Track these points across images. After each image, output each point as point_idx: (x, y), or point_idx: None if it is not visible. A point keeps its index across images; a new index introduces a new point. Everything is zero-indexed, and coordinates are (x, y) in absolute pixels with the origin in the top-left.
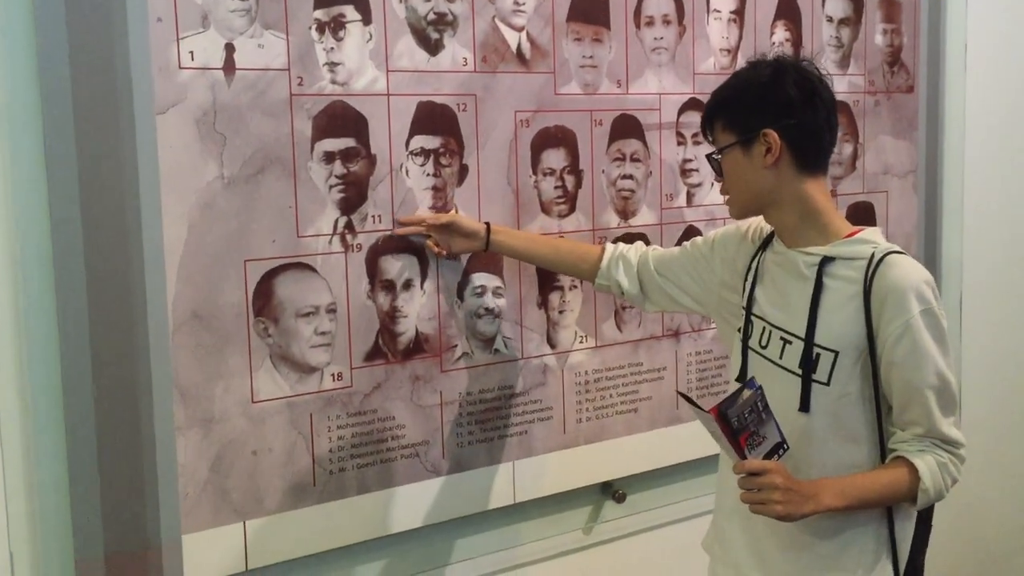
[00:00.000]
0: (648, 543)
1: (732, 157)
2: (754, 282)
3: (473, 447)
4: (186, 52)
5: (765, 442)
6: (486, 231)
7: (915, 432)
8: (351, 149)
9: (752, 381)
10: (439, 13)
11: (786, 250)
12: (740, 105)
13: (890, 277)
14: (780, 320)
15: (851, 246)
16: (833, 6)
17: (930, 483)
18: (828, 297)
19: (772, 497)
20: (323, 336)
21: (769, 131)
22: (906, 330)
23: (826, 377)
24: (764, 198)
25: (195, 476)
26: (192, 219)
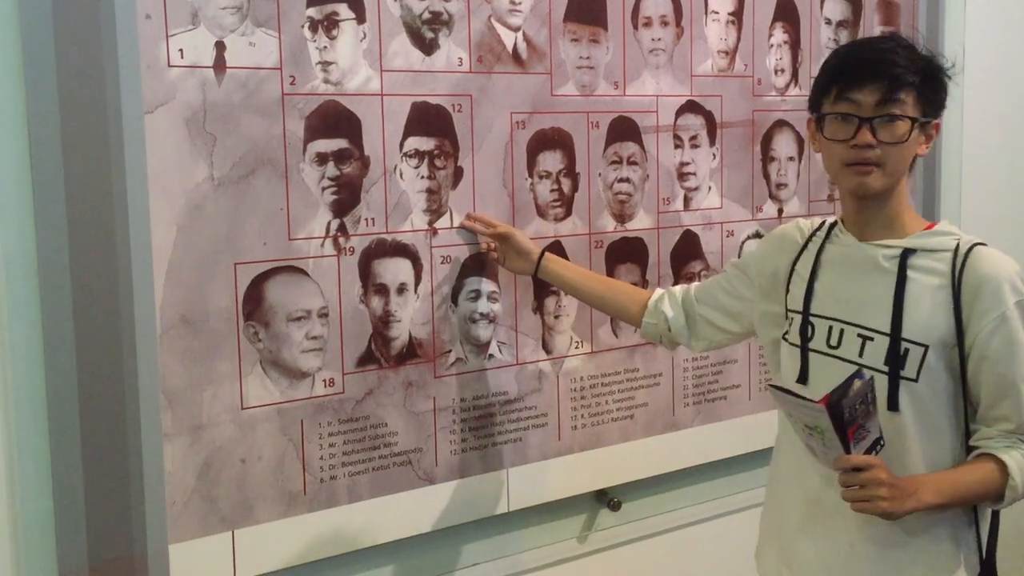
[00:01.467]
0: (644, 551)
1: (913, 131)
2: (811, 280)
3: (467, 454)
4: (175, 50)
5: (868, 437)
6: (539, 256)
7: (1004, 428)
8: (344, 150)
9: (861, 372)
10: (434, 12)
11: (858, 243)
12: (939, 87)
13: (982, 269)
14: (856, 316)
15: (932, 238)
16: (831, 8)
17: (1020, 480)
18: (913, 290)
19: (878, 493)
20: (315, 341)
21: (938, 123)
22: (1001, 322)
23: (915, 373)
24: (901, 182)
25: (182, 484)
26: (181, 221)
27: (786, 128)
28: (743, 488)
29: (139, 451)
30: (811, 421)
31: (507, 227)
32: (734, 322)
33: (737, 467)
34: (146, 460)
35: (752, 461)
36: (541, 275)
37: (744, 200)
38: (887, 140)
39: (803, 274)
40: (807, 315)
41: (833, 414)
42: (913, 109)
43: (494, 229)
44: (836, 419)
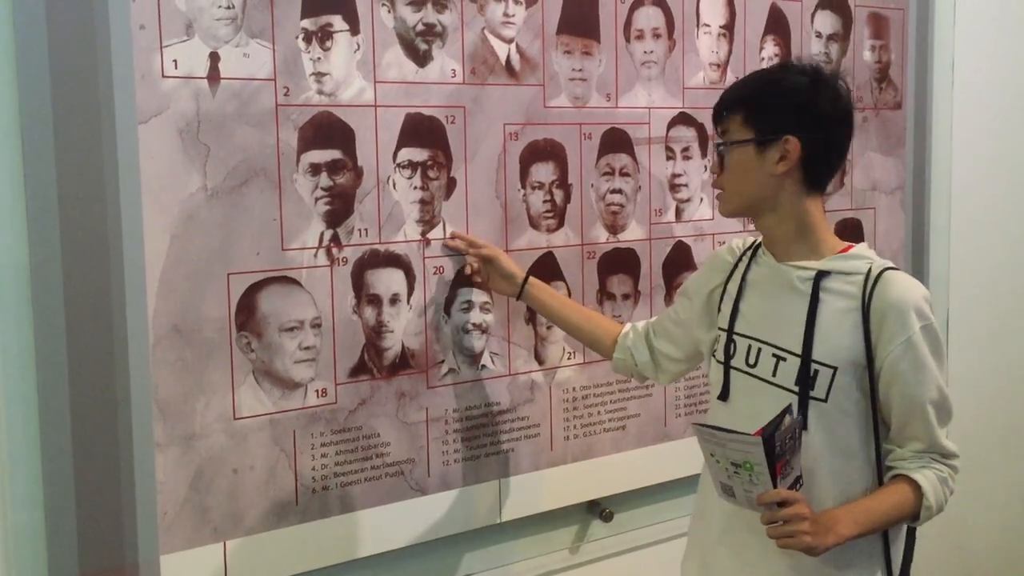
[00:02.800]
0: (635, 562)
1: (742, 154)
2: (737, 299)
3: (459, 465)
4: (169, 60)
5: (791, 473)
6: (523, 281)
7: (915, 448)
8: (337, 161)
9: (791, 408)
10: (428, 24)
11: (776, 264)
12: (769, 105)
13: (890, 294)
14: (771, 336)
15: (846, 261)
16: (822, 22)
17: (933, 499)
18: (824, 312)
19: (801, 528)
20: (307, 351)
21: (792, 139)
22: (908, 347)
23: (824, 394)
24: (761, 203)
25: (174, 494)
26: (174, 231)
27: None
28: None
29: (130, 461)
30: (740, 457)
31: (492, 249)
32: (683, 350)
33: None
34: (137, 470)
35: None
36: (523, 299)
37: None
38: (723, 167)
39: (731, 294)
40: (731, 334)
41: (767, 447)
42: (741, 133)
43: (478, 250)
44: (769, 452)
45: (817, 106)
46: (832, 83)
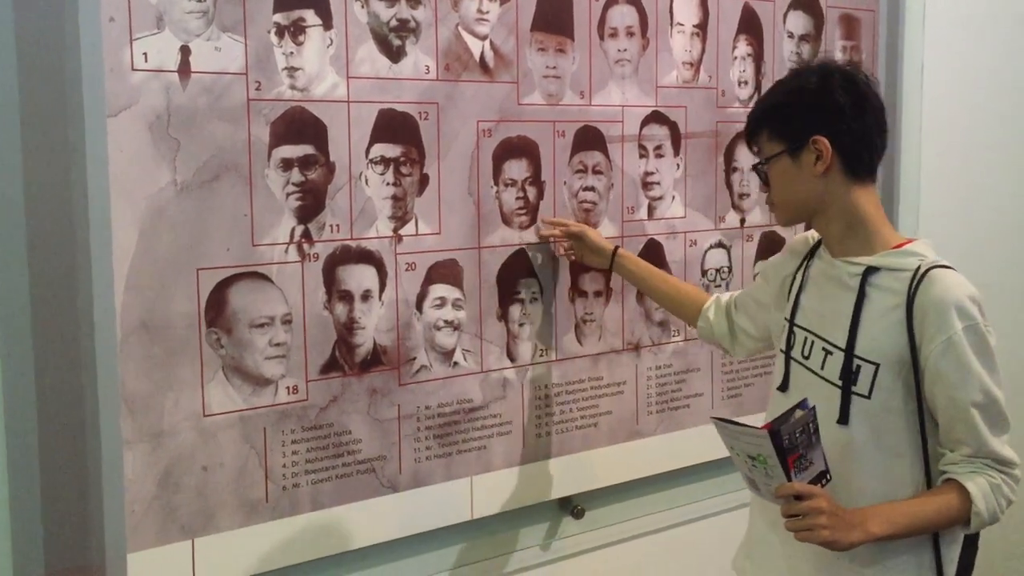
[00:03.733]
0: (607, 559)
1: (780, 166)
2: (799, 291)
3: (431, 462)
4: (139, 53)
5: (811, 468)
6: (612, 252)
7: (965, 452)
8: (309, 156)
9: (805, 402)
10: (402, 20)
11: (832, 259)
12: (788, 113)
13: (932, 292)
14: (822, 330)
15: (897, 257)
16: (794, 22)
17: (983, 506)
18: (870, 308)
19: (818, 522)
20: (278, 348)
21: (820, 138)
22: (949, 346)
23: (867, 390)
24: (812, 206)
25: (142, 492)
26: (143, 226)
27: None
28: (706, 496)
29: (98, 458)
30: (753, 450)
31: (580, 226)
32: (759, 329)
33: (700, 475)
34: (105, 467)
35: (715, 469)
36: (615, 270)
37: (707, 210)
38: (768, 183)
39: (796, 286)
40: (792, 325)
41: (775, 440)
42: (772, 147)
43: (567, 228)
44: (778, 446)
45: (834, 101)
46: (842, 74)
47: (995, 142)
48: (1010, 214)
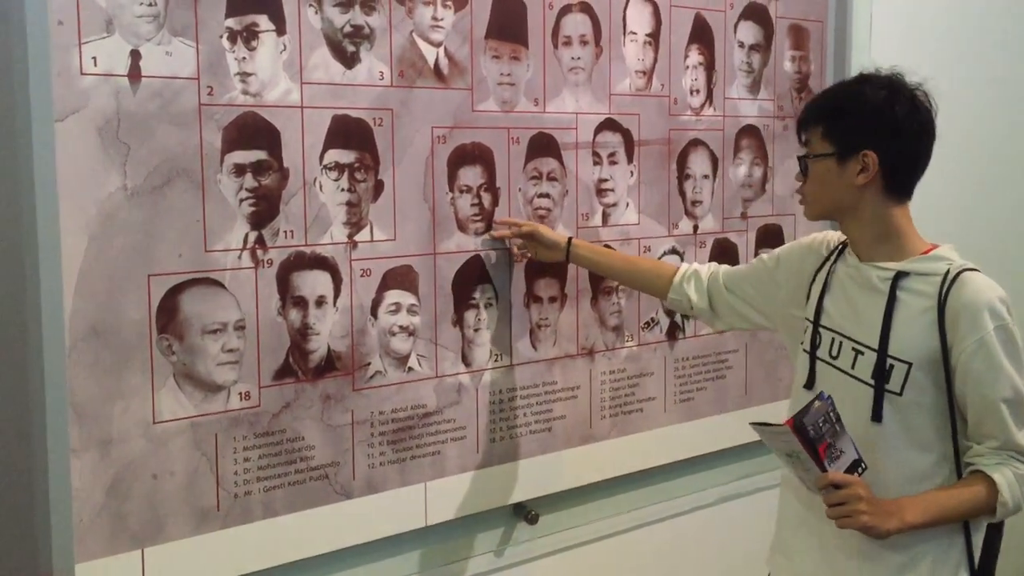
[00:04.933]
0: (561, 564)
1: (824, 165)
2: (823, 293)
3: (385, 468)
4: (88, 57)
5: (843, 456)
6: (567, 243)
7: (991, 445)
8: (263, 162)
9: (822, 393)
10: (356, 26)
11: (859, 263)
12: (848, 119)
13: (965, 294)
14: (852, 331)
15: (926, 263)
16: (745, 32)
17: (1009, 496)
18: (901, 310)
19: (858, 508)
20: (230, 354)
21: (870, 153)
22: (980, 346)
23: (899, 388)
24: (845, 211)
25: (90, 501)
26: (92, 231)
27: (701, 147)
28: (659, 499)
29: (45, 466)
30: (786, 447)
31: (531, 224)
32: (759, 314)
33: (653, 479)
34: (52, 476)
35: (668, 473)
36: (572, 260)
37: (660, 216)
38: (807, 176)
39: (819, 286)
40: (817, 326)
41: (800, 434)
42: (822, 146)
43: (519, 229)
44: (802, 438)
45: (895, 120)
46: (909, 95)
47: (944, 153)
48: (959, 219)
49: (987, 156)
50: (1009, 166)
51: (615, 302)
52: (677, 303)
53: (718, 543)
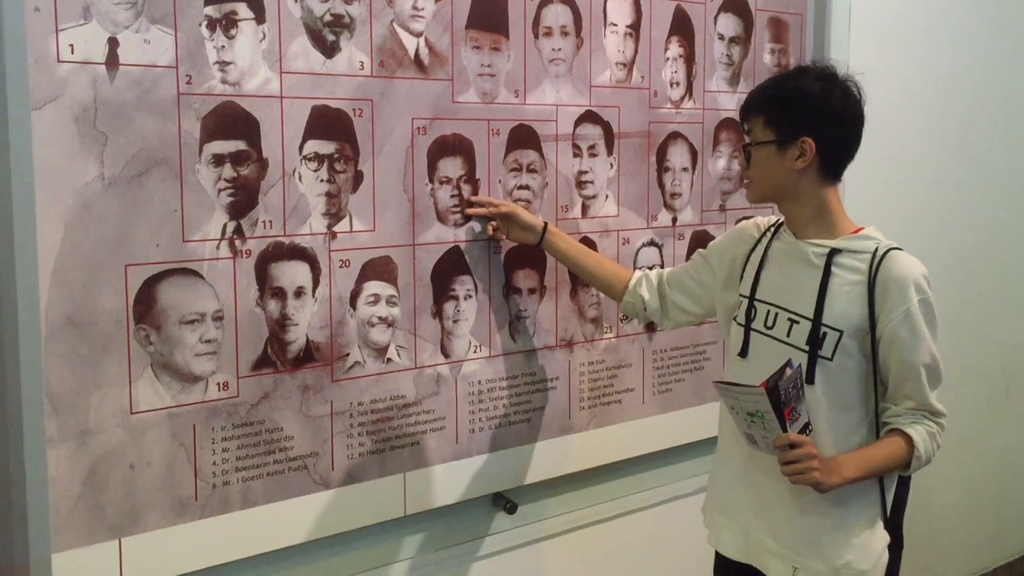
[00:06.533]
0: (539, 554)
1: (765, 152)
2: (759, 269)
3: (364, 458)
4: (65, 45)
5: (800, 419)
6: (542, 229)
7: (908, 406)
8: (242, 152)
9: (791, 361)
10: (336, 15)
11: (796, 240)
12: (787, 109)
13: (894, 270)
14: (788, 302)
15: (857, 241)
16: (725, 25)
17: (923, 450)
18: (835, 283)
19: (811, 465)
20: (208, 344)
21: (808, 140)
22: (906, 316)
23: (830, 353)
24: (784, 193)
25: (67, 491)
26: (69, 221)
27: (680, 140)
28: (637, 490)
29: (21, 457)
30: (752, 407)
31: (510, 206)
32: (697, 305)
33: (631, 469)
34: (28, 466)
35: (646, 463)
36: (544, 246)
37: (640, 209)
38: (750, 162)
39: (754, 264)
40: (752, 300)
41: (772, 396)
42: (764, 134)
43: (496, 209)
44: (774, 400)
45: (831, 109)
46: (843, 87)
47: (916, 142)
48: (928, 212)
49: (967, 147)
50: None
51: (594, 294)
52: (631, 306)
53: (696, 532)
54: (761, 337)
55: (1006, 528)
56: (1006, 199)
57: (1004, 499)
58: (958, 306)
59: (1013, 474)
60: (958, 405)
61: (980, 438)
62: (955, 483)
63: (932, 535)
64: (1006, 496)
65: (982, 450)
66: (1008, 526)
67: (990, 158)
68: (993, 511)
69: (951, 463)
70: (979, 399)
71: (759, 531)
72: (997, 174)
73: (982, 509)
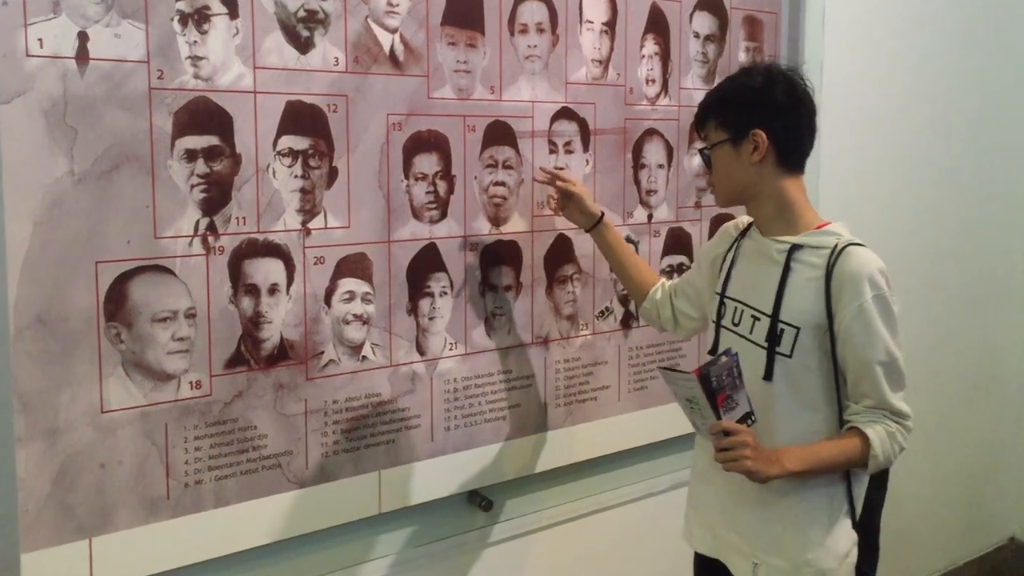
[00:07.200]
0: (514, 551)
1: (722, 153)
2: (731, 268)
3: (338, 457)
4: (34, 39)
5: (738, 408)
6: (598, 218)
7: (867, 404)
8: (214, 147)
9: (729, 350)
10: (310, 10)
11: (761, 238)
12: (734, 106)
13: (848, 265)
14: (752, 300)
15: (818, 236)
16: (700, 23)
17: (880, 450)
18: (793, 280)
19: (744, 453)
20: (181, 342)
21: (758, 131)
22: (860, 312)
23: (788, 350)
24: (748, 191)
25: (36, 491)
26: (38, 217)
27: (656, 136)
28: (613, 486)
29: None
30: (688, 393)
31: (575, 184)
32: (696, 310)
33: (607, 466)
34: None
35: (622, 460)
36: (593, 234)
37: (615, 205)
38: (710, 167)
39: (728, 263)
40: (723, 297)
41: (703, 383)
42: (717, 135)
43: (565, 184)
44: (706, 387)
45: (775, 99)
46: (785, 77)
47: (889, 140)
48: (902, 210)
49: (940, 146)
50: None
51: (570, 291)
52: (648, 313)
53: (671, 529)
54: (729, 334)
55: (976, 523)
56: (979, 197)
57: (974, 495)
58: (930, 304)
59: (983, 470)
60: (929, 402)
61: (951, 435)
62: (926, 480)
63: (903, 531)
64: (976, 492)
65: (952, 446)
66: (978, 522)
67: (963, 157)
68: (964, 507)
69: (922, 460)
70: (950, 396)
71: (724, 527)
72: (970, 172)
73: (953, 505)
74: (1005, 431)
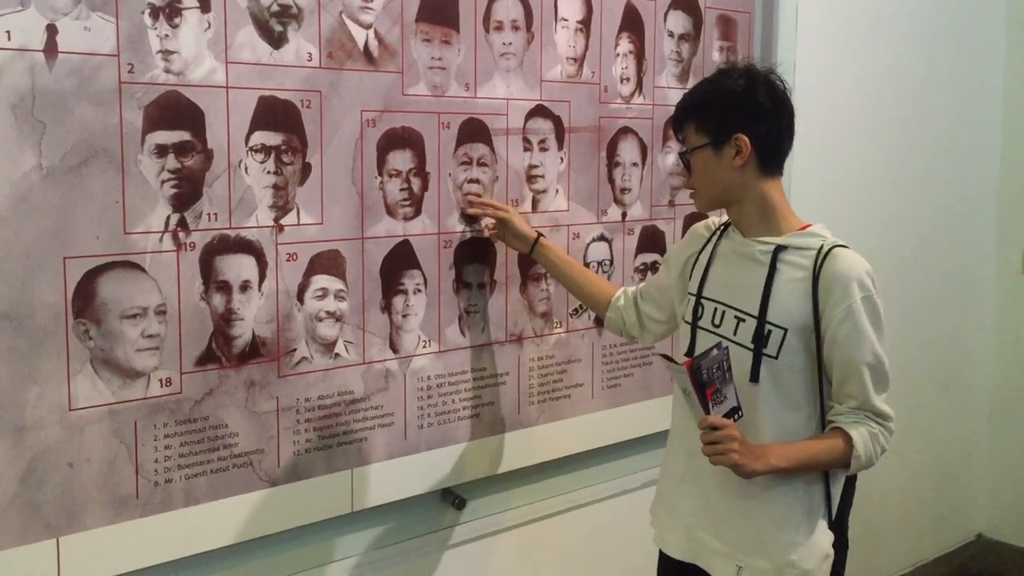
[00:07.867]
0: (487, 549)
1: (703, 157)
2: (707, 268)
3: (310, 455)
4: (2, 31)
5: (726, 402)
6: (535, 240)
7: (851, 405)
8: (186, 143)
9: (720, 344)
10: (283, 5)
11: (742, 239)
12: (715, 110)
13: (836, 267)
14: (735, 300)
15: (802, 238)
16: (674, 22)
17: (862, 451)
18: (779, 281)
19: (730, 447)
20: (151, 339)
21: (741, 136)
22: (848, 314)
23: (775, 352)
24: (729, 194)
25: (2, 489)
26: (5, 212)
27: (631, 135)
28: (586, 484)
29: None
30: (683, 384)
31: (506, 211)
32: (663, 312)
33: (581, 464)
34: None
35: (595, 458)
36: (535, 256)
37: (590, 203)
38: (690, 171)
39: (703, 263)
40: (699, 298)
41: (694, 375)
42: (698, 139)
43: (496, 212)
44: (695, 379)
45: (756, 103)
46: (765, 80)
47: (860, 141)
48: (872, 210)
49: (911, 146)
50: (927, 158)
51: (544, 289)
52: (613, 322)
53: (644, 527)
54: (708, 335)
55: (944, 520)
56: (948, 198)
57: (942, 492)
58: (899, 304)
59: (951, 468)
60: (898, 400)
61: (919, 433)
62: (894, 477)
63: (871, 528)
64: (944, 489)
65: (921, 444)
66: (946, 518)
67: (934, 158)
68: (932, 504)
69: (891, 458)
70: (919, 395)
71: (704, 531)
72: (940, 174)
73: (921, 502)
74: (973, 429)
